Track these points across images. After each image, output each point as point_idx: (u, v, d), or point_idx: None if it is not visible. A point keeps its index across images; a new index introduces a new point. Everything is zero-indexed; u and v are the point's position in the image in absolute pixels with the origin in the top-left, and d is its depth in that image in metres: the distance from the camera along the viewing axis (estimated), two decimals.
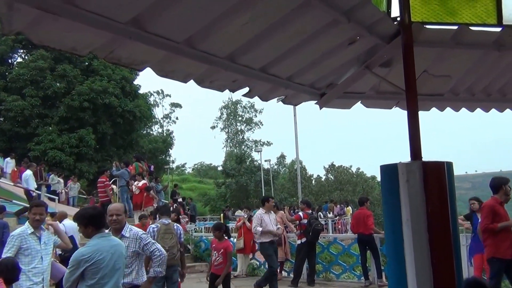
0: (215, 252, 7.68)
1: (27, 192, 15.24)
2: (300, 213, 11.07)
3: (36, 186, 15.49)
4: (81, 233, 4.51)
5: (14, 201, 13.29)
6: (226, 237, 7.88)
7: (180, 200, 23.03)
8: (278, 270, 11.16)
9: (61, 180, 19.40)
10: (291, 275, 10.39)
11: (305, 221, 10.56)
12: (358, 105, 4.70)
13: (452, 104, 4.81)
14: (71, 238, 12.52)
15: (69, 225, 9.49)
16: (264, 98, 4.05)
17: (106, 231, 4.70)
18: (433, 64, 4.08)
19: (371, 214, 10.70)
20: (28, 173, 15.82)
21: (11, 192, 15.23)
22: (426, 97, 4.50)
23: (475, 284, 3.35)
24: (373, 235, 10.25)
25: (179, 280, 7.76)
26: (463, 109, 4.95)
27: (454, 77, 4.34)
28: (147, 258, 5.57)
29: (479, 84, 4.57)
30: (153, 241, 5.41)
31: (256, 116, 71.54)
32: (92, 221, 4.52)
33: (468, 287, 3.13)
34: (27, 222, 5.82)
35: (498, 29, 3.78)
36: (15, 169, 18.51)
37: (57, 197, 17.02)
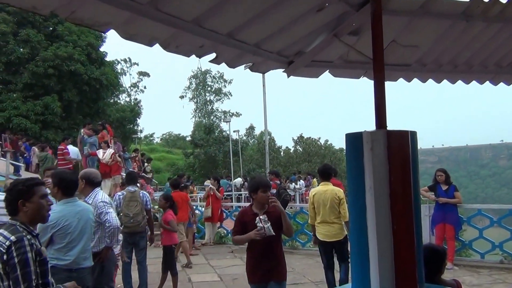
0: None
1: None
2: None
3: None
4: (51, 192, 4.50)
5: None
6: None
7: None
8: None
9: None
10: None
11: (274, 191, 10.62)
12: (327, 74, 4.67)
13: (419, 75, 4.82)
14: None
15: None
16: (231, 65, 3.96)
17: None
18: (401, 34, 4.06)
19: (341, 184, 10.78)
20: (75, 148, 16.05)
21: None
22: (393, 67, 4.50)
23: (431, 250, 3.56)
24: None
25: (148, 244, 7.89)
26: (431, 81, 4.98)
27: (421, 47, 4.35)
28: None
29: (446, 55, 4.58)
30: (107, 211, 5.37)
31: (225, 87, 71.09)
32: (61, 185, 4.56)
33: (424, 252, 3.22)
34: None
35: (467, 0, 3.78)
36: None
37: (23, 165, 16.88)
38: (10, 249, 2.95)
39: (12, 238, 2.99)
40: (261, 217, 4.66)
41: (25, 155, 19.50)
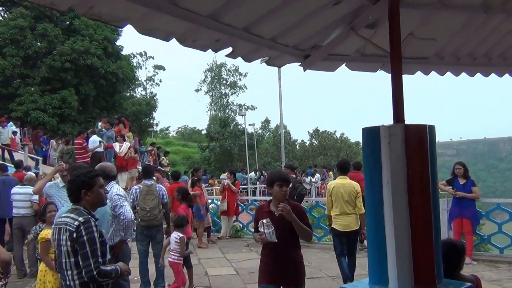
0: None
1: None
2: None
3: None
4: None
5: None
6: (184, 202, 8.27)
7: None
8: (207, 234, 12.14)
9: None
10: None
11: (290, 185, 10.57)
12: (343, 68, 4.63)
13: (438, 68, 4.77)
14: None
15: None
16: (248, 59, 3.96)
17: None
18: (419, 27, 4.01)
19: (362, 179, 10.69)
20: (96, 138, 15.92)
21: None
22: (411, 60, 4.45)
23: (450, 245, 3.48)
24: None
25: (165, 237, 7.94)
26: (449, 74, 4.92)
27: (439, 40, 4.29)
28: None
29: (465, 47, 4.52)
30: (122, 204, 5.47)
31: (240, 80, 71.13)
32: None
33: (443, 247, 3.19)
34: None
35: None
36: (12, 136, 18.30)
37: (41, 158, 17.10)
38: (79, 228, 3.27)
39: (80, 219, 3.31)
40: (264, 221, 4.16)
41: (43, 148, 19.78)
